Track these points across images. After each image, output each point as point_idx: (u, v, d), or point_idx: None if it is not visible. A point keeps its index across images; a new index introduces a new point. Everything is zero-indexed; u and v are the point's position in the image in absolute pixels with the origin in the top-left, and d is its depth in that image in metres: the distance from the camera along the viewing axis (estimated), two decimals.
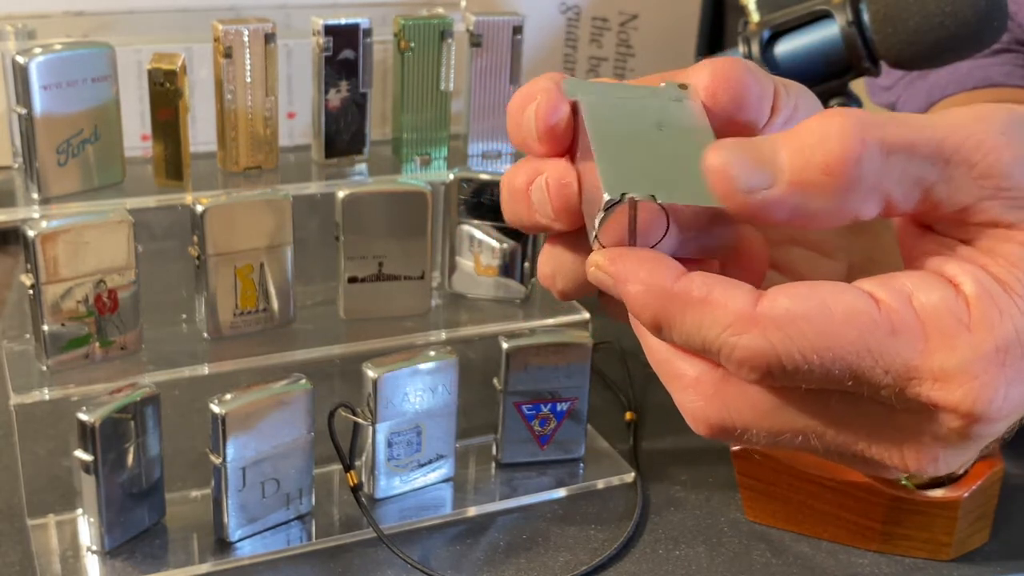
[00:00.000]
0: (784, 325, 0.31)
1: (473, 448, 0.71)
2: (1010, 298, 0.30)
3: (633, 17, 1.04)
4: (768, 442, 0.33)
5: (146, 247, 0.64)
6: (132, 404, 0.58)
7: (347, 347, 0.66)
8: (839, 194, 0.31)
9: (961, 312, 0.30)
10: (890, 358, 0.30)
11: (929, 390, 0.30)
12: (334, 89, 0.67)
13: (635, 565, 0.62)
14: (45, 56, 0.59)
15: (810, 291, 0.31)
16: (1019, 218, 0.31)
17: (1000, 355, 0.30)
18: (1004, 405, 0.30)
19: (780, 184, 0.31)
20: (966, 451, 0.32)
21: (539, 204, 0.36)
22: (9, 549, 0.61)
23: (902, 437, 0.32)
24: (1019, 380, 0.30)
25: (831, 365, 0.31)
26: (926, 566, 0.62)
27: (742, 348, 0.31)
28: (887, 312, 0.31)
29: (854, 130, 0.30)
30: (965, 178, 0.31)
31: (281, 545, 0.62)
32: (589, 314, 0.71)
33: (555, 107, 0.35)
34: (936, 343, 0.30)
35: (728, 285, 0.32)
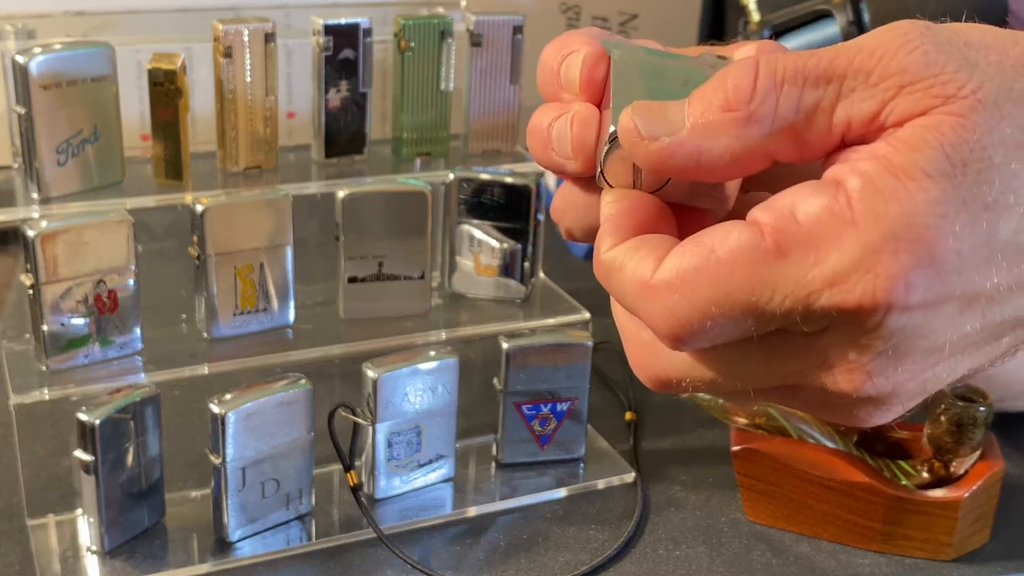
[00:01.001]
0: (677, 286, 0.31)
1: (473, 448, 0.71)
2: (899, 182, 0.29)
3: (633, 17, 1.04)
4: (709, 391, 0.34)
5: (146, 247, 0.64)
6: (132, 404, 0.58)
7: (347, 347, 0.66)
8: (737, 129, 0.31)
9: (843, 210, 0.29)
10: (784, 282, 0.30)
11: (829, 299, 0.29)
12: (334, 89, 0.67)
13: (635, 565, 0.62)
14: (45, 56, 0.59)
15: (697, 243, 0.31)
16: (930, 104, 0.30)
17: (891, 243, 0.29)
18: (911, 293, 0.29)
19: (683, 130, 0.32)
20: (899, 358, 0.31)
21: (558, 141, 0.36)
22: (9, 549, 0.61)
23: (828, 359, 0.31)
24: (923, 264, 0.29)
25: (730, 310, 0.30)
26: (926, 566, 0.62)
27: (647, 316, 0.32)
28: (772, 236, 0.30)
29: (747, 68, 0.31)
30: (864, 87, 0.30)
31: (281, 545, 0.62)
32: (589, 314, 0.71)
33: (600, 59, 0.36)
34: (824, 250, 0.29)
35: (645, 252, 0.32)
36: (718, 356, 0.33)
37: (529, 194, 0.69)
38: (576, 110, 0.36)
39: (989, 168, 0.29)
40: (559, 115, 0.37)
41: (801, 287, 0.30)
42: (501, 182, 0.69)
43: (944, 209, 0.29)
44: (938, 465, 0.63)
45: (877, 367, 0.31)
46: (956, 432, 0.62)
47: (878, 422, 0.33)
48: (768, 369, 0.32)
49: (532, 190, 0.68)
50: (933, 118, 0.29)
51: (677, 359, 0.34)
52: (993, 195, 0.29)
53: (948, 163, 0.29)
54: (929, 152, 0.29)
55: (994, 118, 0.29)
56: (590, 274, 0.41)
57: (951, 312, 0.30)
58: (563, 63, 0.37)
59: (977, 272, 0.30)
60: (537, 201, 0.69)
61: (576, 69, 0.37)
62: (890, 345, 0.30)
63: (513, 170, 0.69)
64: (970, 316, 0.30)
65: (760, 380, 0.33)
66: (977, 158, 0.29)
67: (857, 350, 0.30)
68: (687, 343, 0.32)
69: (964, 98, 0.29)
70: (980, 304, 0.30)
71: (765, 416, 0.65)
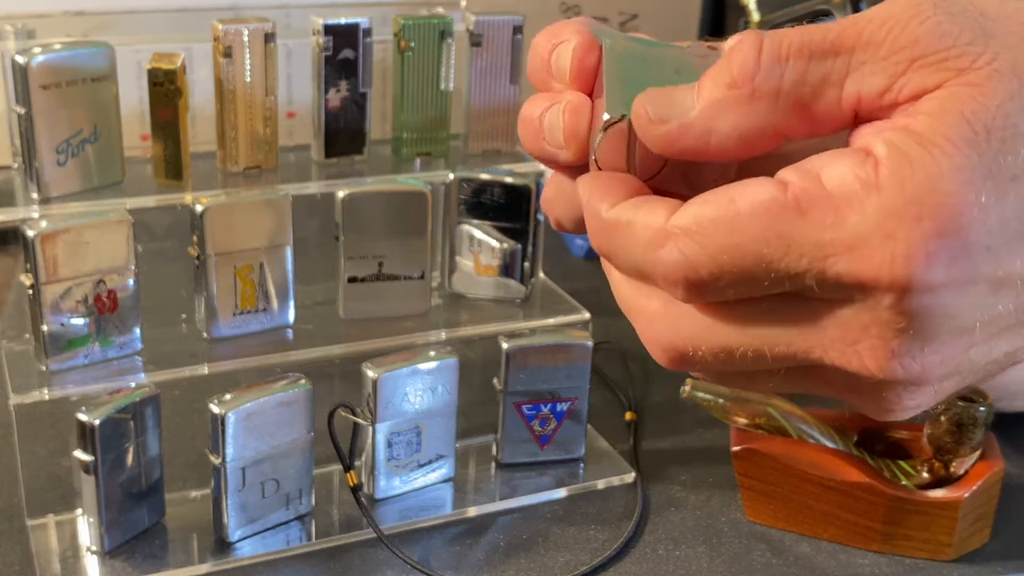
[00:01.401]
0: (693, 232, 0.30)
1: (473, 448, 0.71)
2: (925, 150, 0.28)
3: (633, 17, 1.04)
4: (722, 366, 0.33)
5: (146, 247, 0.64)
6: (132, 404, 0.58)
7: (347, 347, 0.66)
8: (744, 106, 0.31)
9: (869, 175, 0.28)
10: (802, 239, 0.29)
11: (847, 264, 0.28)
12: (334, 89, 0.67)
13: (635, 565, 0.62)
14: (45, 56, 0.59)
15: (720, 192, 0.30)
16: (943, 78, 0.29)
17: (914, 208, 0.28)
18: (934, 269, 0.28)
19: (694, 111, 0.31)
20: (926, 339, 0.29)
21: (550, 131, 0.36)
22: (8, 549, 0.61)
23: (850, 334, 0.30)
24: (946, 233, 0.28)
25: (743, 261, 0.29)
26: (926, 566, 0.62)
27: (659, 263, 0.31)
28: (794, 194, 0.29)
29: (752, 44, 0.31)
30: (874, 60, 0.30)
31: (281, 545, 0.62)
32: (589, 314, 0.71)
33: (590, 48, 0.36)
34: (846, 212, 0.28)
35: (652, 204, 0.32)
36: (735, 316, 0.31)
37: (529, 194, 0.69)
38: (568, 99, 0.36)
39: (1014, 136, 0.28)
40: (550, 104, 0.36)
41: (818, 248, 0.29)
42: (501, 182, 0.69)
43: (969, 176, 0.28)
44: (938, 465, 0.63)
45: (903, 346, 0.29)
46: (956, 432, 0.62)
47: (907, 409, 0.31)
48: (788, 339, 0.31)
49: (532, 190, 0.68)
50: (949, 90, 0.29)
51: (692, 322, 0.32)
52: (1020, 164, 0.28)
53: (970, 129, 0.28)
54: (949, 119, 0.28)
55: (1013, 87, 0.28)
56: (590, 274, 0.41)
57: (981, 293, 0.29)
58: (553, 52, 0.37)
59: (1008, 248, 0.28)
60: (537, 201, 0.69)
61: (567, 58, 0.36)
62: (915, 325, 0.29)
63: (513, 170, 0.69)
64: (1003, 297, 0.29)
65: (779, 353, 0.31)
66: (1000, 126, 0.28)
67: (880, 326, 0.29)
68: (699, 293, 0.31)
69: (979, 69, 0.29)
70: (1013, 284, 0.29)
71: (765, 416, 0.65)
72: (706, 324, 0.32)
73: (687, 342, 0.32)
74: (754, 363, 0.32)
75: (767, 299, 0.31)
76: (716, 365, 0.33)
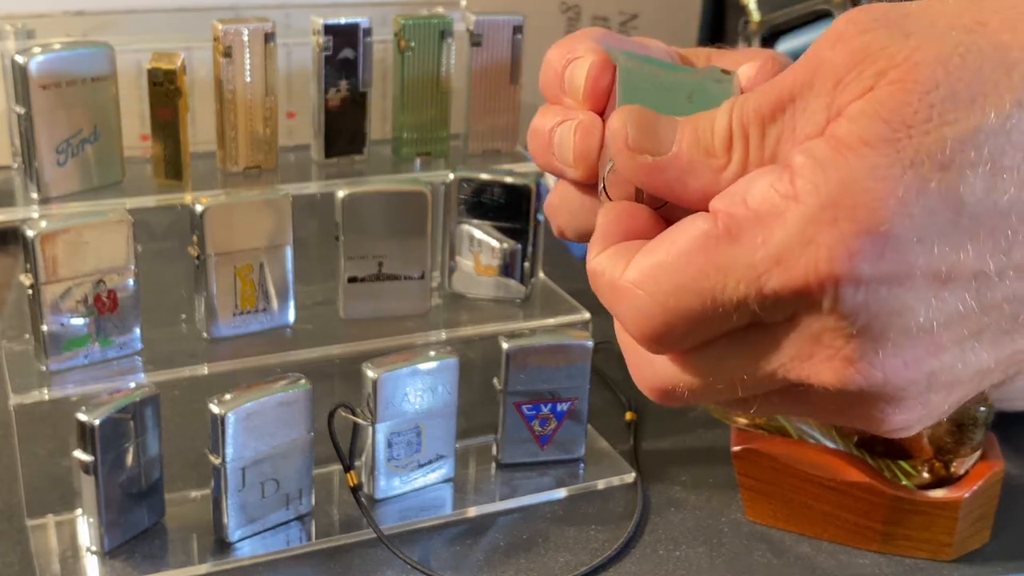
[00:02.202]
0: (640, 283, 0.31)
1: (473, 448, 0.71)
2: (840, 154, 0.28)
3: (633, 16, 1.04)
4: (704, 400, 0.34)
5: (146, 247, 0.64)
6: (132, 404, 0.58)
7: (347, 347, 0.66)
8: (716, 174, 0.31)
9: (787, 188, 0.29)
10: (735, 266, 0.29)
11: (777, 279, 0.29)
12: (334, 89, 0.67)
13: (635, 565, 0.62)
14: (44, 55, 0.59)
15: (662, 238, 0.31)
16: (867, 85, 0.29)
17: (828, 212, 0.28)
18: (858, 262, 0.28)
19: (668, 155, 0.32)
20: (876, 340, 0.29)
21: (560, 148, 0.36)
22: (8, 549, 0.61)
23: (805, 349, 0.30)
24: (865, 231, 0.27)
25: (689, 301, 0.30)
26: (927, 566, 0.62)
27: (620, 318, 0.32)
28: (724, 220, 0.30)
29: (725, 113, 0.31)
30: (812, 98, 0.30)
31: (281, 545, 0.62)
32: (589, 314, 0.71)
33: (605, 68, 0.36)
34: (771, 228, 0.29)
35: (619, 256, 0.32)
36: (698, 359, 0.32)
37: (529, 194, 0.69)
38: (580, 119, 0.36)
39: (940, 127, 0.28)
40: (562, 120, 0.36)
41: (751, 269, 0.29)
42: (501, 182, 0.69)
43: (884, 172, 0.28)
44: (938, 465, 0.63)
45: (856, 351, 0.29)
46: (956, 432, 0.62)
47: (904, 422, 0.31)
48: (754, 367, 0.31)
49: (532, 190, 0.68)
50: (871, 93, 0.29)
51: (665, 367, 0.33)
52: (948, 155, 0.28)
53: (887, 128, 0.28)
54: (866, 121, 0.28)
55: (938, 75, 0.28)
56: None
57: (923, 287, 0.28)
58: (568, 68, 0.37)
59: (943, 240, 0.28)
60: (537, 201, 0.69)
61: (581, 76, 0.36)
62: (858, 325, 0.29)
63: (513, 170, 0.69)
64: (955, 293, 0.29)
65: (749, 381, 0.32)
66: (923, 119, 0.28)
67: (829, 334, 0.29)
68: (659, 344, 0.32)
69: (898, 66, 0.28)
70: (964, 279, 0.28)
71: (765, 416, 0.65)
72: (677, 368, 0.33)
73: (666, 383, 0.34)
74: (729, 394, 0.32)
75: (726, 336, 0.31)
76: (698, 400, 0.34)
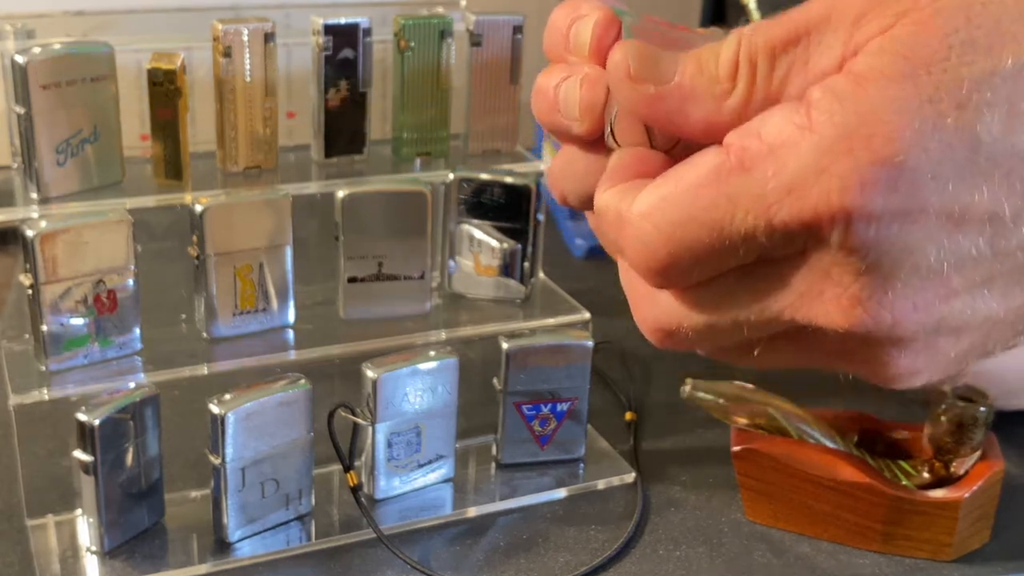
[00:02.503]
0: (647, 214, 0.30)
1: (473, 448, 0.71)
2: (857, 85, 0.28)
3: None
4: (706, 342, 0.33)
5: (146, 247, 0.64)
6: (131, 404, 0.58)
7: (347, 347, 0.66)
8: (719, 101, 0.31)
9: (803, 119, 0.28)
10: (745, 197, 0.29)
11: (788, 209, 0.28)
12: (334, 89, 0.67)
13: (635, 566, 0.62)
14: (44, 55, 0.59)
15: (673, 170, 0.31)
16: (888, 23, 0.28)
17: (843, 141, 0.27)
18: (871, 193, 0.27)
19: (670, 84, 0.32)
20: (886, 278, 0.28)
21: (566, 102, 0.36)
22: (8, 549, 0.61)
23: (814, 286, 0.29)
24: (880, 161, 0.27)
25: (697, 233, 0.30)
26: (927, 567, 0.62)
27: (625, 251, 0.31)
28: (736, 153, 0.29)
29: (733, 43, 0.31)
30: (828, 33, 0.30)
31: (281, 545, 0.62)
32: (589, 314, 0.71)
33: (610, 24, 0.36)
34: (784, 159, 0.28)
35: (628, 190, 0.32)
36: (704, 294, 0.32)
37: (529, 194, 0.69)
38: (586, 72, 0.36)
39: (958, 67, 0.28)
40: (567, 76, 0.36)
41: (761, 200, 0.29)
42: (501, 182, 0.69)
43: (902, 105, 0.27)
44: (938, 465, 0.63)
45: (864, 290, 0.29)
46: (956, 432, 0.62)
47: (907, 370, 0.31)
48: (760, 305, 0.31)
49: (532, 190, 0.68)
50: (891, 31, 0.28)
51: (669, 304, 0.32)
52: (965, 94, 0.27)
53: (908, 64, 0.28)
54: (886, 57, 0.28)
55: (959, 20, 0.28)
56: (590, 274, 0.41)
57: (936, 226, 0.28)
58: (572, 26, 0.36)
59: (958, 178, 0.28)
60: (537, 201, 0.69)
61: (586, 33, 0.36)
62: (868, 261, 0.28)
63: (513, 170, 0.69)
64: (969, 236, 0.28)
65: (755, 321, 0.31)
66: (942, 58, 0.28)
67: (838, 270, 0.29)
68: (666, 277, 0.31)
69: (922, 8, 0.28)
70: (978, 222, 0.28)
71: (765, 416, 0.65)
72: (682, 305, 0.32)
73: (669, 322, 0.33)
74: (734, 335, 0.32)
75: (733, 272, 0.31)
76: (700, 342, 0.33)
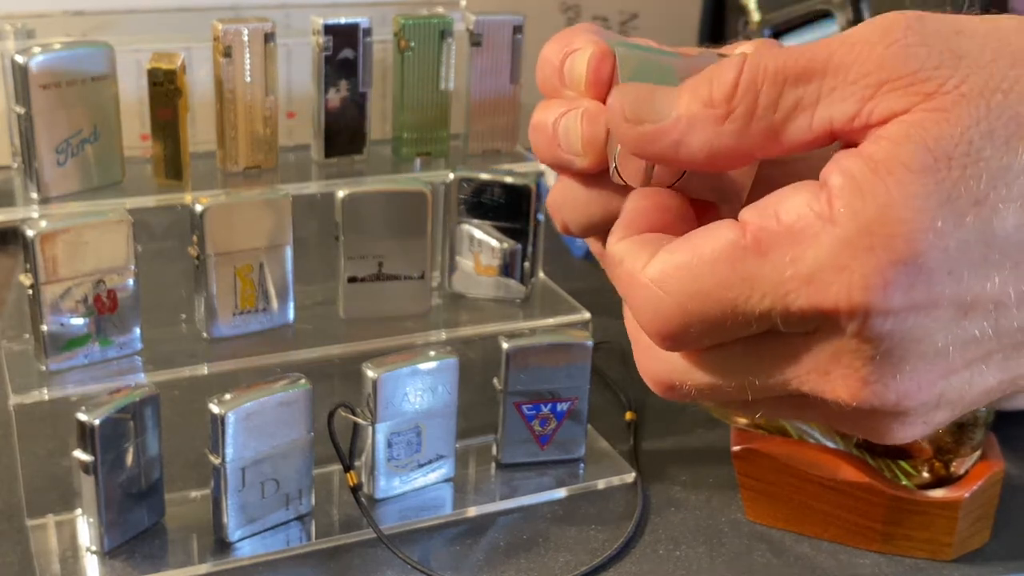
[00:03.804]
0: (661, 282, 0.31)
1: (473, 448, 0.71)
2: (880, 179, 0.28)
3: (633, 16, 1.04)
4: (710, 400, 0.34)
5: (146, 247, 0.64)
6: (131, 404, 0.58)
7: (347, 347, 0.66)
8: (716, 125, 0.31)
9: (823, 208, 0.29)
10: (762, 280, 0.29)
11: (807, 299, 0.29)
12: (334, 89, 0.67)
13: (635, 565, 0.62)
14: (44, 55, 0.59)
15: (685, 240, 0.31)
16: (911, 102, 0.29)
17: (865, 239, 0.28)
18: (891, 293, 0.28)
19: (668, 120, 0.32)
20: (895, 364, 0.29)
21: (566, 137, 0.36)
22: (8, 549, 0.61)
23: (822, 364, 0.30)
24: (901, 261, 0.28)
25: (710, 307, 0.30)
26: (927, 566, 0.62)
27: (635, 312, 0.32)
28: (753, 234, 0.30)
29: (733, 66, 0.31)
30: (843, 84, 0.30)
31: (281, 545, 0.62)
32: (589, 314, 0.71)
33: (604, 57, 0.36)
34: (803, 247, 0.29)
35: (642, 247, 0.32)
36: (712, 359, 0.32)
37: (529, 194, 0.69)
38: (586, 106, 0.36)
39: (977, 162, 0.28)
40: (566, 111, 0.36)
41: (779, 286, 0.29)
42: (501, 182, 0.69)
43: (923, 204, 0.28)
44: (938, 465, 0.63)
45: (872, 374, 0.29)
46: (956, 432, 0.62)
47: (906, 436, 0.32)
48: (766, 374, 0.31)
49: (532, 190, 0.68)
50: (915, 115, 0.29)
51: (675, 361, 0.33)
52: (983, 189, 0.28)
53: (930, 157, 0.28)
54: (910, 147, 0.28)
55: (980, 111, 0.28)
56: (590, 274, 0.41)
57: (947, 317, 0.29)
58: (566, 60, 0.37)
59: (972, 272, 0.28)
60: (537, 201, 0.69)
61: (582, 67, 0.36)
62: (881, 350, 0.29)
63: (513, 170, 0.69)
64: (975, 321, 0.29)
65: (760, 386, 0.32)
66: (963, 152, 0.28)
67: (849, 355, 0.29)
68: (674, 342, 0.32)
69: (946, 94, 0.28)
70: (985, 308, 0.29)
71: (768, 419, 0.65)
72: (687, 365, 0.33)
73: (673, 378, 0.33)
74: (739, 397, 0.32)
75: (741, 341, 0.31)
76: (703, 398, 0.34)
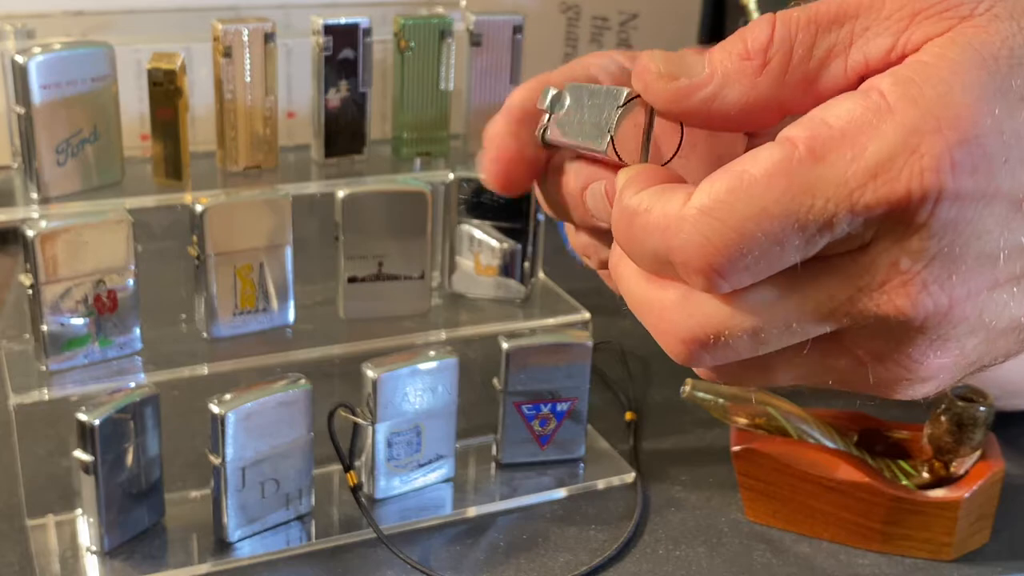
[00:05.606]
0: (712, 210, 0.29)
1: (473, 448, 0.71)
2: (933, 68, 0.28)
3: (633, 16, 1.04)
4: (740, 352, 0.32)
5: (146, 247, 0.64)
6: (131, 404, 0.58)
7: (347, 347, 0.66)
8: (753, 77, 0.31)
9: (878, 104, 0.28)
10: (824, 184, 0.28)
11: (875, 192, 0.28)
12: (334, 89, 0.67)
13: (635, 565, 0.62)
14: (44, 55, 0.59)
15: (728, 169, 0.30)
16: (948, 25, 0.29)
17: (931, 121, 0.28)
18: (960, 173, 0.28)
19: (702, 74, 0.32)
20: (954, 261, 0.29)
21: (596, 210, 0.37)
22: (8, 549, 0.61)
23: (879, 275, 0.29)
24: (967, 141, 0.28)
25: (771, 225, 0.29)
26: (927, 566, 0.62)
27: (678, 251, 0.30)
28: (806, 143, 0.29)
29: (766, 20, 0.31)
30: (877, 22, 0.30)
31: (281, 545, 0.62)
32: (589, 314, 0.71)
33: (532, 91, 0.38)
34: (862, 143, 0.28)
35: (673, 191, 0.31)
36: (757, 297, 0.31)
37: (529, 194, 0.68)
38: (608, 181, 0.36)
39: (1021, 64, 0.28)
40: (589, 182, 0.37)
41: (843, 186, 0.28)
42: None
43: (980, 92, 0.28)
44: (938, 465, 0.63)
45: (931, 274, 0.29)
46: (956, 432, 0.62)
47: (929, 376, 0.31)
48: (815, 304, 0.30)
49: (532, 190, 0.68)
50: (954, 31, 0.29)
51: (712, 308, 0.31)
52: None
53: (978, 55, 0.28)
54: (956, 48, 0.28)
55: (1012, 28, 0.29)
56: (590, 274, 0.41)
57: (1001, 212, 0.28)
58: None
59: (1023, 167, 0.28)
60: (537, 202, 0.69)
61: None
62: (943, 244, 0.28)
63: None
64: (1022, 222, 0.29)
65: (807, 320, 0.30)
66: (1007, 55, 0.28)
67: (909, 256, 0.29)
68: (726, 275, 0.30)
69: (980, 15, 0.29)
70: None
71: (765, 416, 0.65)
72: (729, 310, 0.31)
73: (707, 330, 0.31)
74: (780, 340, 0.31)
75: (789, 273, 0.30)
76: (737, 350, 0.32)
